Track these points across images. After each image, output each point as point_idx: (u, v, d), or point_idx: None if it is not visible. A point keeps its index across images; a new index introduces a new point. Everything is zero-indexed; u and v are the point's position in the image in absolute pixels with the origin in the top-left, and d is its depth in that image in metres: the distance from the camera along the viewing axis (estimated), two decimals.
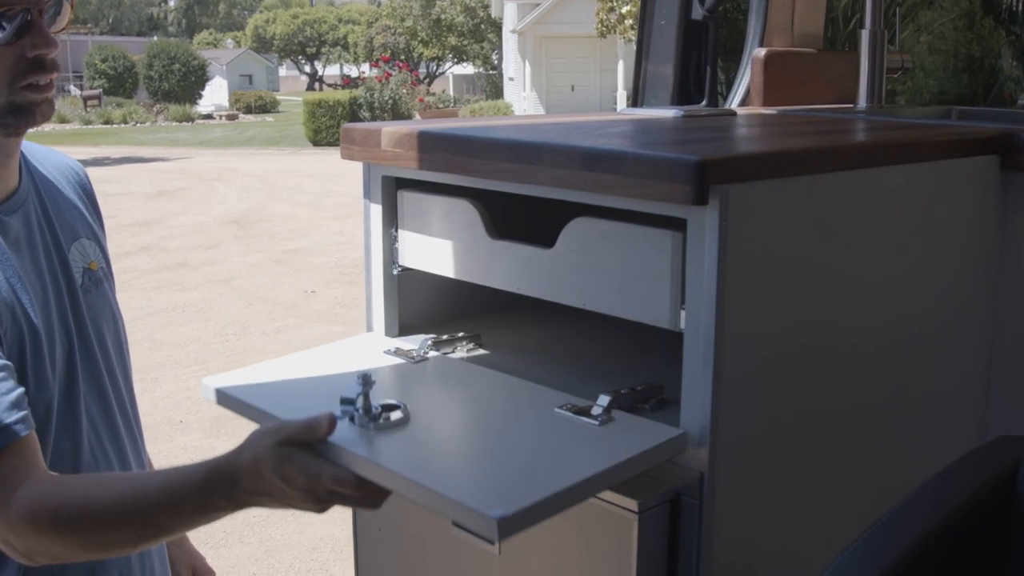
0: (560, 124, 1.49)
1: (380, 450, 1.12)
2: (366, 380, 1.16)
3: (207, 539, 4.37)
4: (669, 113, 1.67)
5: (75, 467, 1.35)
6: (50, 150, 1.52)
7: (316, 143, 23.62)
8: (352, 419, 1.16)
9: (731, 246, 1.09)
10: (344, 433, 1.13)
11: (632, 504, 1.13)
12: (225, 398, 1.34)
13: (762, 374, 1.19)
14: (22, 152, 1.40)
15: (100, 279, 1.43)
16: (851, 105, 2.06)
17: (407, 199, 1.45)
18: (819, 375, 1.28)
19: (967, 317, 1.54)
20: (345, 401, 1.16)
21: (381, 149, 1.42)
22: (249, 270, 10.01)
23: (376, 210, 1.49)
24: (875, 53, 1.98)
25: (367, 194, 1.50)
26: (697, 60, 2.34)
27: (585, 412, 1.20)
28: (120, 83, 35.83)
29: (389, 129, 1.40)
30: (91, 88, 35.23)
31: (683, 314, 1.14)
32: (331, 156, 20.50)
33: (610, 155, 1.14)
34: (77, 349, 1.35)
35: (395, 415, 1.18)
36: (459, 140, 1.31)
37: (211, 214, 13.28)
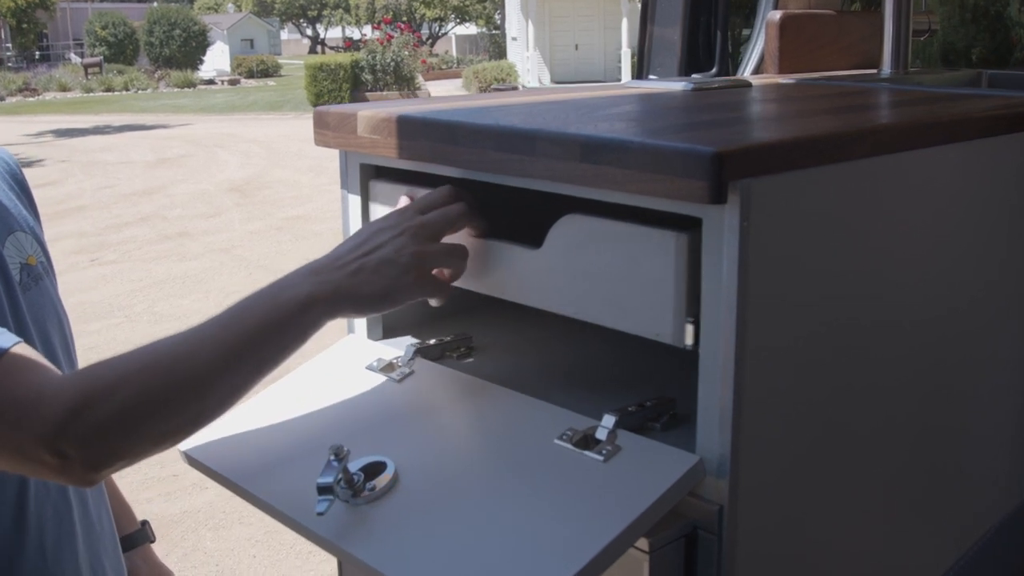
0: (558, 103, 1.34)
1: (373, 541, 1.02)
2: (339, 454, 1.04)
3: (206, 520, 4.29)
4: (678, 86, 1.52)
5: (21, 485, 1.22)
6: None
7: (318, 107, 23.40)
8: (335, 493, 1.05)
9: (753, 248, 0.95)
10: (332, 519, 1.03)
11: (642, 542, 0.99)
12: (195, 463, 1.21)
13: (789, 391, 1.04)
14: None
15: (40, 274, 1.29)
16: (873, 71, 1.90)
17: (379, 190, 1.31)
18: (854, 389, 1.13)
19: (1011, 317, 1.40)
20: (323, 490, 1.03)
21: (357, 135, 1.27)
22: (251, 238, 9.90)
23: (354, 202, 1.34)
24: (900, 15, 1.82)
25: (344, 184, 1.36)
26: (707, 24, 2.18)
27: (589, 440, 1.06)
28: (121, 50, 35.63)
29: (365, 113, 1.25)
30: (92, 56, 35.04)
31: (689, 328, 0.99)
32: None
33: (612, 145, 0.99)
34: None
35: (382, 480, 1.07)
36: (442, 126, 1.16)
37: (212, 181, 13.18)
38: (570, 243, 1.06)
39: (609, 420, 1.07)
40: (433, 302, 1.14)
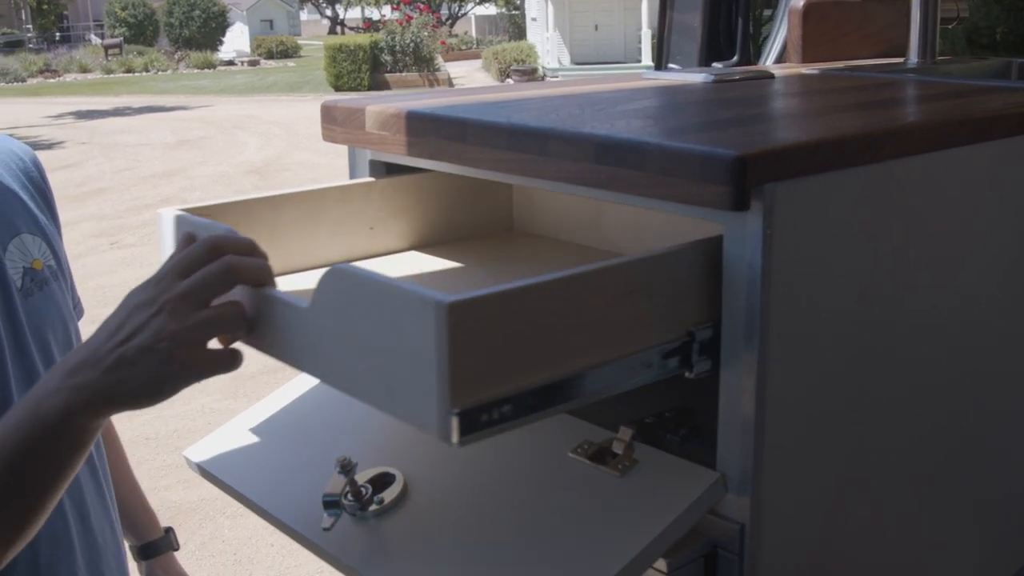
0: (574, 98, 1.29)
1: (380, 558, 0.99)
2: (346, 467, 1.00)
3: (224, 508, 4.27)
4: (698, 78, 1.46)
5: None
6: None
7: (338, 88, 23.43)
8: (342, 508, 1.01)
9: (776, 256, 0.90)
10: (339, 535, 1.00)
11: (660, 563, 0.95)
12: (205, 474, 1.18)
13: (813, 405, 1.00)
14: None
15: (46, 279, 1.25)
16: (899, 60, 1.84)
17: (166, 220, 1.14)
18: (881, 401, 1.08)
19: None
20: (330, 504, 1.00)
21: (365, 131, 1.23)
22: None
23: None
24: (928, 2, 1.76)
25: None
26: (728, 10, 2.13)
27: (604, 453, 1.02)
28: (141, 31, 35.68)
29: (374, 108, 1.21)
30: (112, 37, 35.09)
31: (454, 421, 0.78)
32: None
33: (628, 146, 0.94)
34: (10, 362, 1.17)
35: (390, 493, 1.03)
36: (451, 123, 1.11)
37: (232, 163, 13.16)
38: (338, 302, 0.86)
39: (626, 432, 1.02)
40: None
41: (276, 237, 1.22)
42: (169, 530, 1.68)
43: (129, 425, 4.85)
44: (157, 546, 1.65)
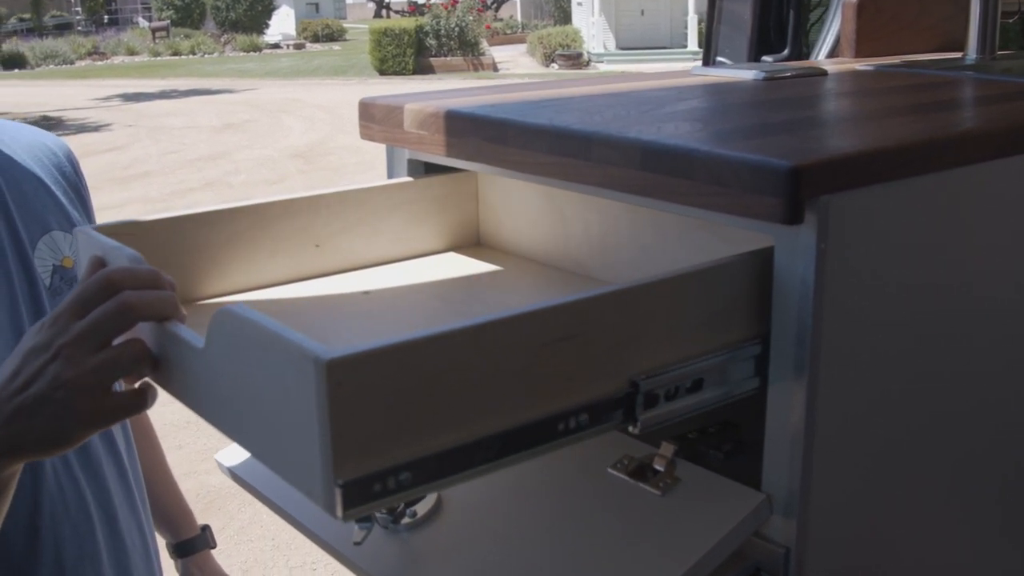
0: (619, 96, 1.25)
1: (413, 573, 0.96)
2: None
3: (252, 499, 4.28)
4: (748, 75, 1.42)
5: (35, 499, 1.17)
6: (23, 127, 1.32)
7: (382, 72, 23.46)
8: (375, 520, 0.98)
9: (830, 272, 0.85)
10: (371, 548, 0.97)
11: None
12: (237, 480, 1.16)
13: (866, 425, 0.95)
14: None
15: (75, 277, 1.22)
16: (958, 55, 1.78)
17: (83, 240, 1.07)
18: (937, 420, 1.03)
19: None
20: (362, 517, 0.96)
21: (403, 130, 1.19)
22: None
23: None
24: None
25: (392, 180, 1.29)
26: (779, 1, 2.07)
27: (645, 469, 0.98)
28: (188, 14, 35.88)
29: (412, 107, 1.17)
30: (159, 20, 35.33)
31: (338, 493, 0.68)
32: (397, 86, 20.31)
33: (675, 153, 0.90)
34: None
35: (423, 506, 1.00)
36: (492, 124, 1.07)
37: (276, 147, 13.20)
38: (229, 344, 0.76)
39: (668, 448, 0.99)
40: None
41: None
42: (205, 528, 1.66)
43: (170, 409, 4.85)
44: (193, 544, 1.63)
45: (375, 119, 1.24)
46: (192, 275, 1.12)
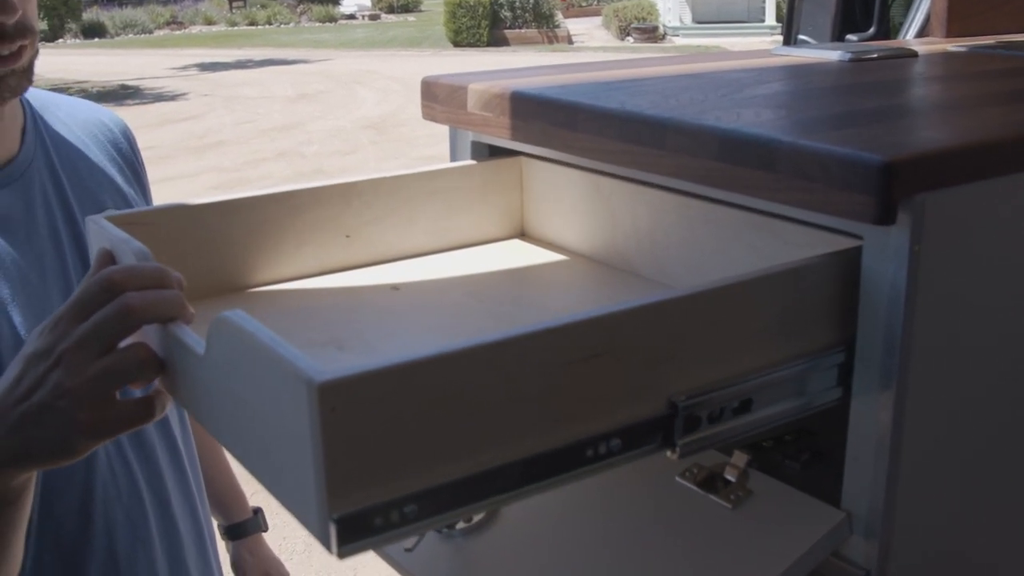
0: (695, 77, 1.18)
1: None
2: None
3: None
4: (833, 55, 1.34)
5: (88, 484, 1.14)
6: (79, 102, 1.29)
7: (457, 44, 23.44)
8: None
9: (924, 276, 0.78)
10: (424, 553, 0.92)
11: None
12: None
13: (957, 443, 0.88)
14: (33, 111, 1.18)
15: None
16: None
17: (93, 231, 1.00)
18: None
19: None
20: None
21: (467, 111, 1.14)
22: None
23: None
24: None
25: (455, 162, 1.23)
26: None
27: (716, 479, 0.92)
28: None
29: (477, 87, 1.12)
30: None
31: (333, 528, 0.60)
32: (471, 58, 20.27)
33: (756, 143, 0.83)
34: None
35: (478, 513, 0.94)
36: (560, 107, 1.01)
37: (349, 118, 13.23)
38: (227, 355, 0.70)
39: (740, 458, 0.92)
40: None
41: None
42: (258, 511, 1.64)
43: None
44: (245, 527, 1.61)
45: (438, 99, 1.18)
46: (211, 268, 1.06)
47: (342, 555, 0.61)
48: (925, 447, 0.85)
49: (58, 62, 20.62)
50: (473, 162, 1.20)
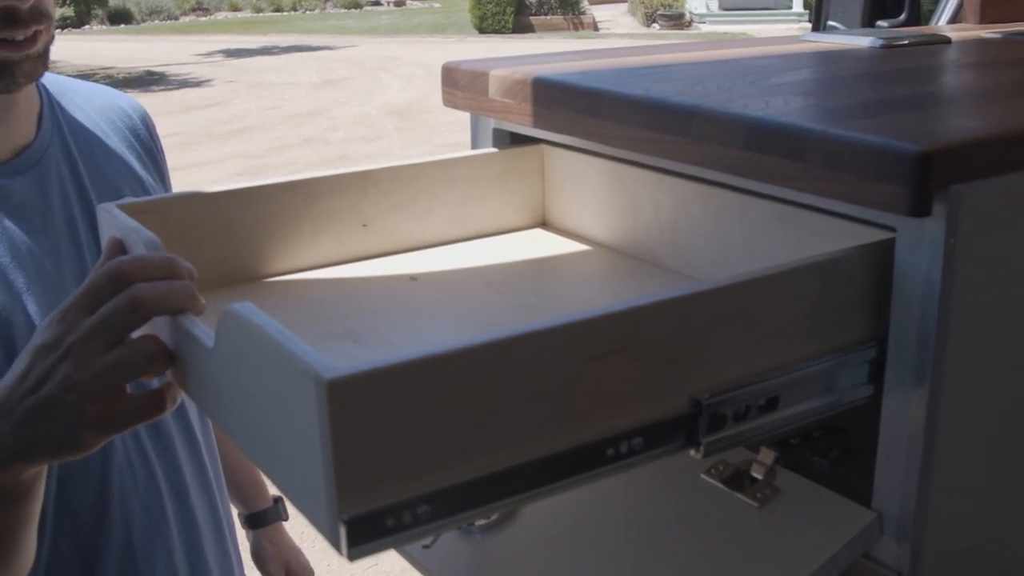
0: (722, 64, 1.15)
1: None
2: None
3: None
4: (864, 41, 1.31)
5: (105, 475, 1.13)
6: (97, 88, 1.28)
7: (482, 30, 23.37)
8: None
9: (960, 270, 0.76)
10: (442, 550, 0.90)
11: None
12: None
13: (991, 442, 0.86)
14: (50, 97, 1.17)
15: None
16: None
17: (105, 220, 0.98)
18: None
19: None
20: None
21: (488, 98, 1.11)
22: None
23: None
24: None
25: (476, 150, 1.21)
26: None
27: (742, 477, 0.90)
28: None
29: (498, 73, 1.09)
30: None
31: (343, 530, 0.59)
32: (496, 45, 20.21)
33: (786, 132, 0.81)
34: None
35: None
36: (583, 94, 0.99)
37: (374, 104, 13.22)
38: (236, 349, 0.68)
39: (768, 455, 0.90)
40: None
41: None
42: (278, 500, 1.63)
43: None
44: (265, 516, 1.60)
45: (459, 85, 1.16)
46: (225, 257, 1.03)
47: (352, 557, 0.59)
48: (959, 446, 0.82)
49: (84, 48, 20.71)
50: (494, 150, 1.18)
